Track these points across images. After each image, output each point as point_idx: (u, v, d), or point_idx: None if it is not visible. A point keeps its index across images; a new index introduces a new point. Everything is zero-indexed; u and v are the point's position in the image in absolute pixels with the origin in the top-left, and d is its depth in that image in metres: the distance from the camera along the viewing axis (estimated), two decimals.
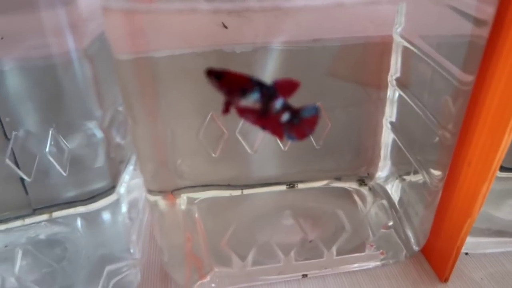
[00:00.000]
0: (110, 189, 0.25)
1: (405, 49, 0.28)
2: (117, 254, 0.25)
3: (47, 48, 0.22)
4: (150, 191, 0.23)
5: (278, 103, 0.19)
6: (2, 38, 0.24)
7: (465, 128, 0.23)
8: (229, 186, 0.32)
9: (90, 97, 0.23)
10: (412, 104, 0.27)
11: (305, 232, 0.25)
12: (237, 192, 0.32)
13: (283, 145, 0.31)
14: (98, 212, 0.26)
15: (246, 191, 0.32)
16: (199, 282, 0.25)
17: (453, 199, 0.24)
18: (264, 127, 0.20)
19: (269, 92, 0.19)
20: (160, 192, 0.24)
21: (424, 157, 0.26)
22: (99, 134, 0.24)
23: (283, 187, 0.33)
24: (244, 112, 0.20)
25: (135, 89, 0.21)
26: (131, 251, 0.25)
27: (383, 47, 0.29)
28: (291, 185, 0.33)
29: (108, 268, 0.24)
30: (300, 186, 0.33)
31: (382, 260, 0.27)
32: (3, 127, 0.26)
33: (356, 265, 0.27)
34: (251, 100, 0.19)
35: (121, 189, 0.25)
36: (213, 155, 0.29)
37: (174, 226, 0.25)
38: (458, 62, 0.22)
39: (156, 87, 0.24)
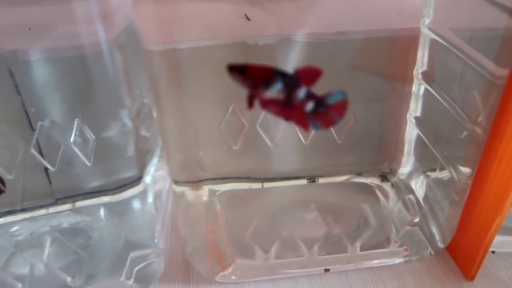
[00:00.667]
0: (137, 179, 0.25)
1: (433, 42, 0.27)
2: (142, 243, 0.25)
3: (75, 39, 0.22)
4: (175, 182, 0.23)
5: (301, 92, 0.19)
6: (29, 29, 0.24)
7: (497, 123, 0.22)
8: (249, 179, 0.32)
9: (120, 87, 0.23)
10: (439, 98, 0.27)
11: (329, 226, 0.25)
12: (258, 185, 0.32)
13: (304, 139, 0.30)
14: (124, 202, 0.26)
15: (266, 185, 0.32)
16: (221, 274, 0.25)
17: (482, 196, 0.24)
18: (287, 118, 0.20)
19: (291, 81, 0.19)
20: (185, 183, 0.24)
21: (452, 153, 0.26)
22: (128, 124, 0.24)
23: (303, 181, 0.33)
24: (267, 104, 0.20)
25: (163, 80, 0.21)
26: (155, 241, 0.25)
27: (410, 40, 0.28)
28: (311, 179, 0.33)
29: (133, 256, 0.24)
30: (321, 180, 0.33)
31: (405, 256, 0.27)
32: (28, 118, 0.27)
33: (379, 261, 0.27)
34: (275, 91, 0.19)
35: (148, 179, 0.25)
36: (234, 147, 0.29)
37: (197, 217, 0.25)
38: (491, 56, 0.21)
39: (181, 78, 0.24)
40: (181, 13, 0.21)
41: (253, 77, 0.19)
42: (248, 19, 0.26)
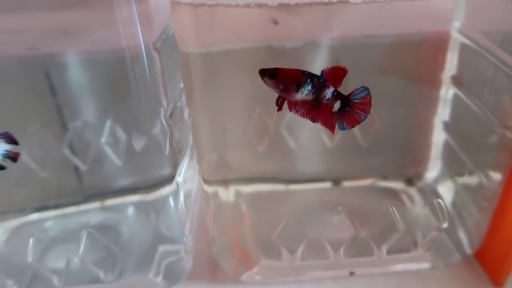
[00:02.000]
0: (169, 179, 0.25)
1: (463, 46, 0.27)
2: (172, 240, 0.25)
3: (112, 42, 0.23)
4: (206, 182, 0.24)
5: (328, 92, 0.20)
6: (66, 33, 0.25)
7: None
8: (274, 180, 0.32)
9: (157, 89, 0.24)
10: (469, 102, 0.27)
11: (356, 228, 0.25)
12: (282, 187, 0.32)
13: (329, 141, 0.30)
14: (156, 200, 0.26)
15: (290, 186, 0.32)
16: (246, 273, 0.26)
17: None
18: (315, 119, 0.20)
19: (319, 82, 0.20)
20: (215, 183, 0.24)
21: (481, 158, 0.25)
22: (162, 125, 0.24)
23: (328, 184, 0.33)
24: (295, 106, 0.20)
25: (197, 82, 0.22)
26: (184, 239, 0.25)
27: (439, 43, 0.28)
28: (336, 182, 0.33)
29: (162, 252, 0.25)
30: (346, 183, 0.33)
31: (432, 262, 0.27)
32: (62, 118, 0.28)
33: (405, 265, 0.27)
34: (305, 93, 0.19)
35: (179, 179, 0.26)
36: (258, 149, 0.29)
37: (225, 217, 0.26)
38: None
39: (213, 81, 0.24)
40: (215, 17, 0.22)
41: (284, 80, 0.19)
42: (276, 22, 0.27)
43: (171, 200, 0.25)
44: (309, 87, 0.20)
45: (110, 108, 0.26)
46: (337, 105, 0.20)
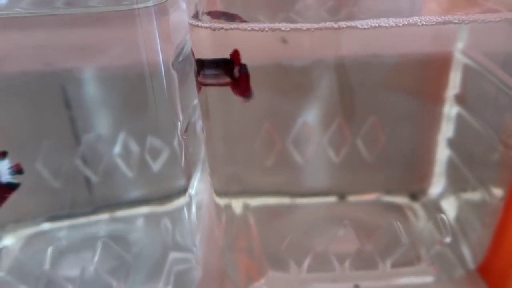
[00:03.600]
0: (183, 191, 0.26)
1: (466, 66, 0.28)
2: (184, 251, 0.26)
3: (130, 58, 0.24)
4: (218, 194, 0.25)
5: (235, 70, 0.22)
6: (83, 49, 0.26)
7: None
8: (280, 194, 0.33)
9: (175, 105, 0.25)
10: (472, 120, 0.27)
11: (361, 242, 0.26)
12: (288, 200, 0.33)
13: (335, 157, 0.31)
14: (170, 212, 0.27)
15: (297, 200, 0.33)
16: (253, 285, 0.26)
17: None
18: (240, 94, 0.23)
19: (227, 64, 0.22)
20: (226, 195, 0.25)
21: (484, 175, 0.26)
22: (177, 139, 0.25)
23: (333, 198, 0.34)
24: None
25: (213, 98, 0.23)
26: (195, 249, 0.26)
27: (443, 63, 0.29)
28: (341, 196, 0.34)
29: (173, 262, 0.25)
30: (350, 198, 0.34)
31: (435, 276, 0.27)
32: (75, 130, 0.29)
33: (409, 278, 0.27)
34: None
35: (192, 191, 0.27)
36: (266, 163, 0.30)
37: (234, 229, 0.27)
38: None
39: (226, 98, 0.25)
40: (230, 38, 0.23)
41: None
42: (286, 42, 0.28)
43: (185, 212, 0.26)
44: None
45: (124, 121, 0.27)
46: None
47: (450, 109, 0.30)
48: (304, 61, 0.29)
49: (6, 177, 0.22)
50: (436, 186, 0.33)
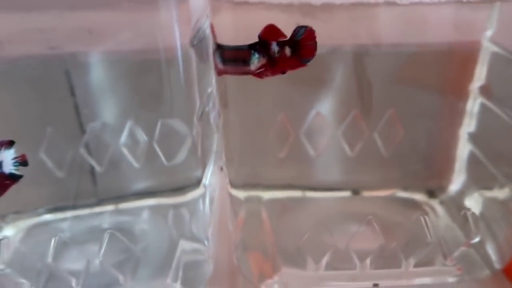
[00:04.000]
0: (197, 182, 0.25)
1: (495, 55, 0.26)
2: (195, 245, 0.25)
3: (141, 42, 0.23)
4: (233, 186, 0.23)
5: (274, 47, 0.21)
6: (91, 33, 0.25)
7: None
8: (293, 187, 0.32)
9: (192, 91, 0.23)
10: (499, 112, 0.26)
11: (385, 239, 0.24)
12: (301, 194, 0.32)
13: (349, 151, 0.30)
14: (185, 203, 0.26)
15: (309, 194, 0.32)
16: (266, 281, 0.25)
17: None
18: (283, 71, 0.22)
19: (261, 47, 0.21)
20: (243, 187, 0.24)
21: None
22: (191, 129, 0.24)
23: (347, 193, 0.32)
24: (261, 74, 0.22)
25: (232, 85, 0.22)
26: (206, 243, 0.25)
27: (468, 53, 0.28)
28: (355, 192, 0.32)
29: (184, 257, 0.24)
30: (365, 193, 0.32)
31: (459, 276, 0.26)
32: (79, 118, 0.27)
33: (430, 278, 0.26)
34: (256, 62, 0.21)
35: (206, 183, 0.26)
36: (279, 155, 0.29)
37: (248, 223, 0.25)
38: None
39: (243, 86, 0.24)
40: (250, 21, 0.22)
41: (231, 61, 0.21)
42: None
43: (200, 203, 0.25)
44: (256, 55, 0.21)
45: (132, 110, 0.26)
46: (288, 51, 0.22)
47: (474, 102, 0.29)
48: (321, 49, 0.28)
49: (10, 168, 0.21)
50: (456, 183, 0.32)
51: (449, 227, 0.29)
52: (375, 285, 0.25)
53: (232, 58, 0.21)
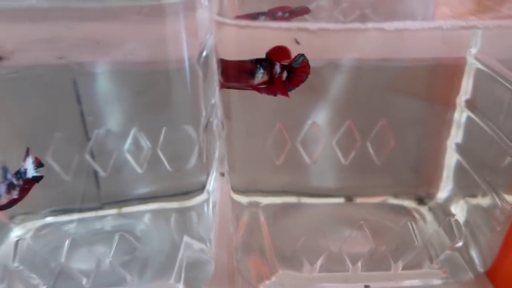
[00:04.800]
0: (201, 188, 0.26)
1: (479, 71, 0.28)
2: (198, 245, 0.26)
3: (152, 54, 0.24)
4: (235, 192, 0.25)
5: (277, 68, 0.23)
6: (98, 43, 0.26)
7: None
8: (289, 193, 0.33)
9: (198, 102, 0.25)
10: (483, 125, 0.28)
11: (375, 243, 0.26)
12: (297, 200, 0.33)
13: (343, 158, 0.31)
14: (189, 208, 0.27)
15: (304, 200, 0.33)
16: (264, 282, 0.26)
17: None
18: (274, 93, 0.23)
19: (267, 64, 0.23)
20: (244, 193, 0.25)
21: (495, 180, 0.26)
22: (195, 137, 0.25)
23: (341, 200, 0.34)
24: (261, 90, 0.23)
25: (235, 97, 0.23)
26: (208, 245, 0.26)
27: (454, 68, 0.29)
28: (349, 198, 0.34)
29: (186, 258, 0.25)
30: (358, 200, 0.34)
31: (444, 279, 0.27)
32: (85, 125, 0.28)
33: (417, 281, 0.27)
34: (260, 77, 0.23)
35: (210, 188, 0.27)
36: (276, 162, 0.30)
37: (247, 227, 0.27)
38: None
39: (245, 98, 0.26)
40: (252, 39, 0.24)
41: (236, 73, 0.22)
42: (298, 43, 0.28)
43: (204, 208, 0.26)
44: (261, 71, 0.22)
45: (136, 118, 0.27)
46: (285, 75, 0.23)
47: (461, 114, 0.30)
48: (317, 63, 0.29)
49: (32, 172, 0.23)
50: (444, 191, 0.33)
51: (436, 232, 0.30)
52: (366, 286, 0.27)
53: (238, 70, 0.23)
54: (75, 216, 0.31)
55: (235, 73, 0.23)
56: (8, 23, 0.25)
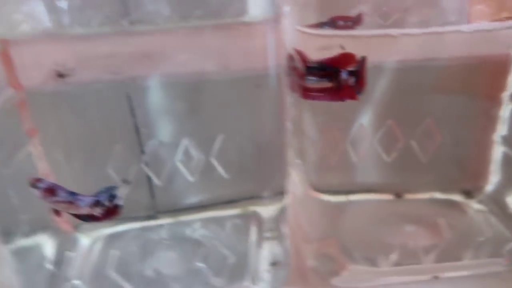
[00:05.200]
0: (281, 191, 0.27)
1: None
2: (271, 248, 0.27)
3: (196, 65, 0.25)
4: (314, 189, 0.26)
5: (343, 74, 0.23)
6: (148, 57, 0.27)
7: None
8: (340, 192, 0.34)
9: (282, 110, 0.26)
10: None
11: (438, 235, 0.27)
12: (345, 198, 0.34)
13: (386, 156, 0.32)
14: (260, 210, 0.29)
15: (351, 197, 0.34)
16: (335, 278, 0.27)
17: None
18: (341, 99, 0.24)
19: (330, 71, 0.23)
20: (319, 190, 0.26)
21: None
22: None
23: (389, 196, 0.35)
24: (317, 97, 0.24)
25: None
26: (281, 245, 0.27)
27: (498, 65, 0.30)
28: (398, 195, 0.35)
29: (262, 259, 0.26)
30: (407, 196, 0.35)
31: (506, 266, 0.28)
32: (139, 137, 0.29)
33: (482, 269, 0.28)
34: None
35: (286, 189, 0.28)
36: (329, 162, 0.31)
37: (322, 221, 0.28)
38: None
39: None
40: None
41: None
42: (343, 48, 0.29)
43: (279, 209, 0.27)
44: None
45: (187, 128, 0.28)
46: (353, 80, 0.24)
47: (506, 108, 0.31)
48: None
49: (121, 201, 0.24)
50: (492, 183, 0.34)
51: (491, 224, 0.31)
52: (435, 277, 0.27)
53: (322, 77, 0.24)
54: (137, 225, 0.32)
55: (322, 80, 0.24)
56: (70, 43, 0.26)
